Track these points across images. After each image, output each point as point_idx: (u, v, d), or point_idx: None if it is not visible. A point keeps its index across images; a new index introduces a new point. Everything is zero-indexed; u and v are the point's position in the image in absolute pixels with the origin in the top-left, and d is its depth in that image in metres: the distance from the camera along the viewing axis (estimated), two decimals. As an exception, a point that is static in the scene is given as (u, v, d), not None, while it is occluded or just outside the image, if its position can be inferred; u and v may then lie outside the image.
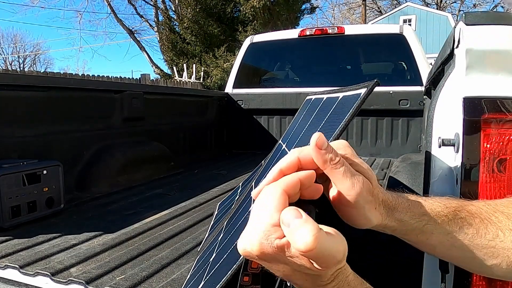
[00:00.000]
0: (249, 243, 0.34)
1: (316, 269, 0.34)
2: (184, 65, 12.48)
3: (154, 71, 16.10)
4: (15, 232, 1.45)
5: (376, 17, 24.85)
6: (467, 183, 0.77)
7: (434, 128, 0.96)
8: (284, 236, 0.33)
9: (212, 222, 1.50)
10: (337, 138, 0.69)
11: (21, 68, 28.39)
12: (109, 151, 2.28)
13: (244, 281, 0.45)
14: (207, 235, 1.37)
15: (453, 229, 0.45)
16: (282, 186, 0.36)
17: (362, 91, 0.75)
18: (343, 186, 0.40)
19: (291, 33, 3.58)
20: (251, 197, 1.13)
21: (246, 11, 12.50)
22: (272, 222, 0.33)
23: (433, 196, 0.48)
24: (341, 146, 0.43)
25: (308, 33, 3.45)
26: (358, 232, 0.46)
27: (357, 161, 0.42)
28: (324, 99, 1.22)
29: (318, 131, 0.90)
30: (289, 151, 1.13)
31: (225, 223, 1.22)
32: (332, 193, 0.42)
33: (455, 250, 0.46)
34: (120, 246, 1.33)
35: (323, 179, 0.42)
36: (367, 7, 25.88)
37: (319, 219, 0.36)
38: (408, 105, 3.04)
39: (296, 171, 0.39)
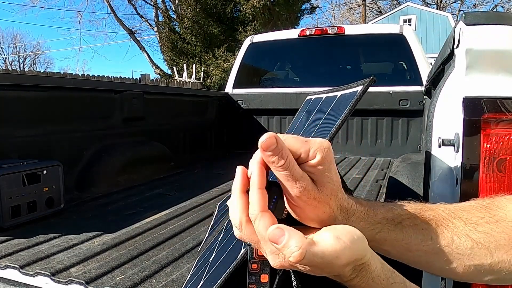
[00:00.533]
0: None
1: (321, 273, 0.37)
2: (184, 65, 12.48)
3: (154, 71, 16.11)
4: (15, 232, 1.45)
5: (376, 17, 24.85)
6: (467, 183, 0.77)
7: (434, 128, 0.96)
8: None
9: (212, 222, 1.50)
10: (334, 135, 0.69)
11: (21, 68, 28.40)
12: (109, 151, 2.27)
13: (252, 269, 0.46)
14: (207, 235, 1.37)
15: (408, 235, 0.45)
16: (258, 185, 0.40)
17: (359, 88, 0.76)
18: (285, 186, 0.40)
19: (291, 33, 3.58)
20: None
21: (246, 11, 12.50)
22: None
23: (395, 201, 0.48)
24: (307, 149, 0.40)
25: (308, 33, 3.44)
26: None
27: (324, 165, 0.40)
28: (323, 99, 1.22)
29: (317, 130, 0.90)
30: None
31: (225, 223, 1.22)
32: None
33: (410, 255, 0.46)
34: (120, 246, 1.33)
35: None
36: (367, 7, 25.88)
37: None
38: (408, 105, 3.04)
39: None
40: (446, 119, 0.92)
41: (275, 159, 0.38)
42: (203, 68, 12.73)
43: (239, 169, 0.42)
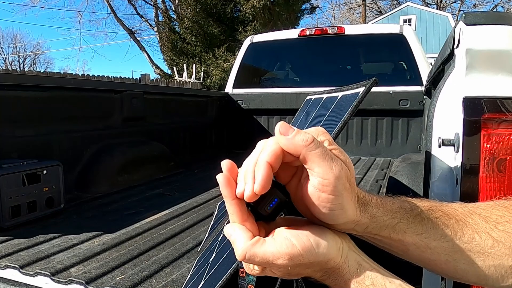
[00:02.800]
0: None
1: (273, 271, 0.40)
2: (184, 65, 12.48)
3: (154, 71, 16.11)
4: (15, 232, 1.45)
5: (376, 17, 24.85)
6: (467, 183, 0.77)
7: (434, 128, 0.96)
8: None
9: (212, 222, 1.50)
10: (336, 136, 0.69)
11: (21, 68, 28.39)
12: (109, 151, 2.27)
13: (241, 276, 0.47)
14: (207, 235, 1.37)
15: (427, 229, 0.43)
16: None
17: (361, 89, 0.76)
18: (320, 168, 0.37)
19: (291, 33, 3.58)
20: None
21: (246, 11, 12.50)
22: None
23: (404, 197, 0.46)
24: (316, 133, 0.40)
25: (308, 33, 3.44)
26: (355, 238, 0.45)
27: (335, 147, 0.40)
28: (323, 99, 1.22)
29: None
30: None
31: (225, 223, 1.22)
32: (303, 185, 0.40)
33: (429, 253, 0.44)
34: (120, 246, 1.33)
35: (286, 176, 0.42)
36: (367, 7, 25.88)
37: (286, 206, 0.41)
38: (408, 105, 3.04)
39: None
40: (446, 119, 0.92)
41: (302, 137, 0.38)
42: (203, 68, 12.73)
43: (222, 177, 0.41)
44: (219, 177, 0.40)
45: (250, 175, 0.38)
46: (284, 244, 0.38)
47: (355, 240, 0.44)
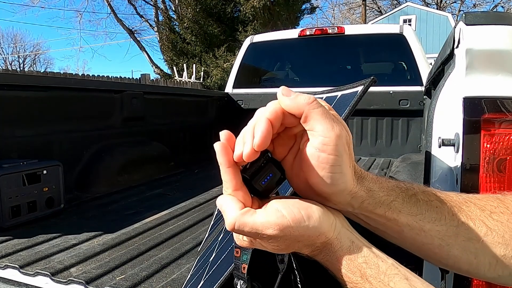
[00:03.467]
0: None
1: (262, 244, 0.40)
2: (184, 65, 12.48)
3: (154, 71, 16.11)
4: (15, 232, 1.45)
5: (376, 17, 24.85)
6: (467, 183, 0.77)
7: (434, 128, 0.96)
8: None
9: (212, 222, 1.50)
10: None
11: (21, 68, 28.40)
12: (109, 151, 2.27)
13: (236, 256, 0.48)
14: (207, 235, 1.37)
15: (421, 211, 0.43)
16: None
17: (359, 88, 0.76)
18: (322, 126, 0.37)
19: (291, 33, 3.58)
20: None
21: (246, 11, 12.50)
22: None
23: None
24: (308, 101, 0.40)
25: (308, 33, 3.44)
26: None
27: (334, 112, 0.40)
28: (323, 99, 1.21)
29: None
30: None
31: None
32: (301, 150, 0.40)
33: (423, 236, 0.43)
34: (120, 246, 1.33)
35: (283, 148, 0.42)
36: (367, 7, 25.88)
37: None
38: (408, 105, 3.04)
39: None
40: (446, 119, 0.92)
41: (304, 97, 0.38)
42: (203, 68, 12.73)
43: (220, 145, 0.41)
44: (216, 145, 0.40)
45: (249, 134, 0.39)
46: (275, 215, 0.38)
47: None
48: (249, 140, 0.38)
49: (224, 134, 0.41)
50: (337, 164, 0.38)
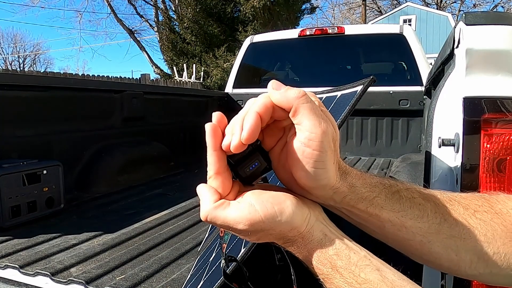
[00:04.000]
0: None
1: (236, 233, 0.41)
2: (184, 65, 12.48)
3: (154, 71, 16.11)
4: (15, 232, 1.45)
5: (376, 17, 24.85)
6: (467, 183, 0.77)
7: (434, 128, 0.96)
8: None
9: (212, 222, 1.50)
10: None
11: (21, 68, 28.40)
12: (109, 151, 2.27)
13: (220, 236, 0.49)
14: (207, 235, 1.37)
15: (404, 208, 0.43)
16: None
17: (359, 88, 0.76)
18: (309, 122, 0.38)
19: (291, 33, 3.58)
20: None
21: (246, 11, 12.50)
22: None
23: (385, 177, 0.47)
24: (307, 93, 0.41)
25: (308, 33, 3.44)
26: (354, 233, 0.45)
27: (324, 109, 0.41)
28: (323, 99, 1.21)
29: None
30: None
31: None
32: (288, 143, 0.40)
33: (404, 232, 0.44)
34: (120, 246, 1.33)
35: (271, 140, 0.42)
36: (367, 7, 25.88)
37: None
38: (408, 105, 3.04)
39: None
40: (446, 119, 0.92)
41: (294, 91, 0.38)
42: (203, 68, 12.73)
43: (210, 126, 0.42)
44: (207, 126, 0.41)
45: (238, 125, 0.39)
46: (247, 209, 0.39)
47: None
48: (237, 131, 0.39)
49: (216, 115, 0.42)
50: (320, 160, 0.38)
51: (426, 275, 0.90)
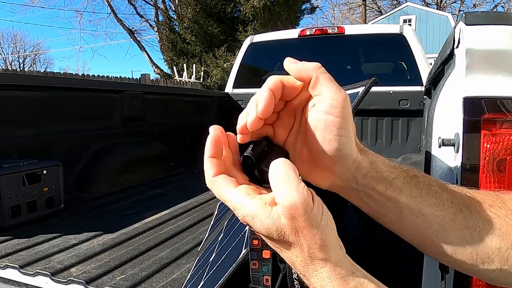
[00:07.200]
0: None
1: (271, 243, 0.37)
2: (184, 65, 12.48)
3: (154, 71, 16.11)
4: (15, 232, 1.45)
5: (376, 17, 24.85)
6: (467, 183, 0.77)
7: (434, 128, 0.96)
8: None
9: (212, 222, 1.50)
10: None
11: (21, 68, 28.39)
12: (109, 151, 2.27)
13: (254, 245, 0.45)
14: (207, 235, 1.37)
15: (421, 193, 0.43)
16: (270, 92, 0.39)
17: (360, 89, 0.76)
18: (329, 90, 0.38)
19: (291, 33, 3.58)
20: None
21: (246, 11, 12.50)
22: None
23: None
24: (307, 69, 0.41)
25: (308, 33, 3.44)
26: (356, 233, 0.45)
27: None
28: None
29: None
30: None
31: (225, 223, 1.22)
32: (307, 117, 0.40)
33: (422, 219, 0.43)
34: (120, 246, 1.33)
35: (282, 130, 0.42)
36: (367, 7, 25.88)
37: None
38: (408, 105, 3.04)
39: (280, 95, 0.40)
40: (446, 119, 0.92)
41: (313, 63, 0.39)
42: (203, 68, 12.73)
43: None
44: (211, 133, 0.42)
45: (252, 105, 0.39)
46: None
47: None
48: (253, 109, 0.39)
49: (214, 127, 0.43)
50: (343, 126, 0.39)
51: (427, 275, 0.90)
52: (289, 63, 0.41)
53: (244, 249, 0.68)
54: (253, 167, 0.40)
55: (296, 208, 0.33)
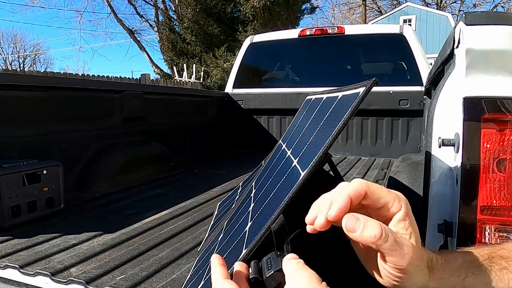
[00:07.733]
0: None
1: None
2: (184, 65, 12.47)
3: (154, 71, 16.10)
4: (15, 232, 1.45)
5: (376, 17, 24.84)
6: (467, 183, 0.77)
7: (434, 128, 0.96)
8: None
9: (212, 222, 1.50)
10: (336, 137, 0.69)
11: (21, 68, 28.37)
12: (109, 151, 2.27)
13: None
14: (207, 235, 1.37)
15: (493, 277, 0.43)
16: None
17: (361, 90, 0.75)
18: (392, 258, 0.38)
19: (291, 33, 3.58)
20: (251, 196, 1.12)
21: (246, 11, 12.50)
22: None
23: (462, 248, 0.47)
24: (393, 198, 0.40)
25: (308, 33, 3.45)
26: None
27: (409, 217, 0.40)
28: (323, 99, 1.21)
29: (318, 131, 0.90)
30: (289, 151, 1.12)
31: (225, 223, 1.22)
32: (379, 262, 0.40)
33: None
34: (120, 246, 1.33)
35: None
36: (367, 7, 25.87)
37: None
38: (408, 105, 3.04)
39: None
40: (446, 119, 0.92)
41: (370, 233, 0.38)
42: (203, 68, 12.72)
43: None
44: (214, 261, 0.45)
45: (326, 204, 0.39)
46: None
47: None
48: (324, 210, 0.39)
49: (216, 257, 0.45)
50: (407, 278, 0.39)
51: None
52: (346, 230, 0.39)
53: (244, 249, 0.68)
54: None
55: None
